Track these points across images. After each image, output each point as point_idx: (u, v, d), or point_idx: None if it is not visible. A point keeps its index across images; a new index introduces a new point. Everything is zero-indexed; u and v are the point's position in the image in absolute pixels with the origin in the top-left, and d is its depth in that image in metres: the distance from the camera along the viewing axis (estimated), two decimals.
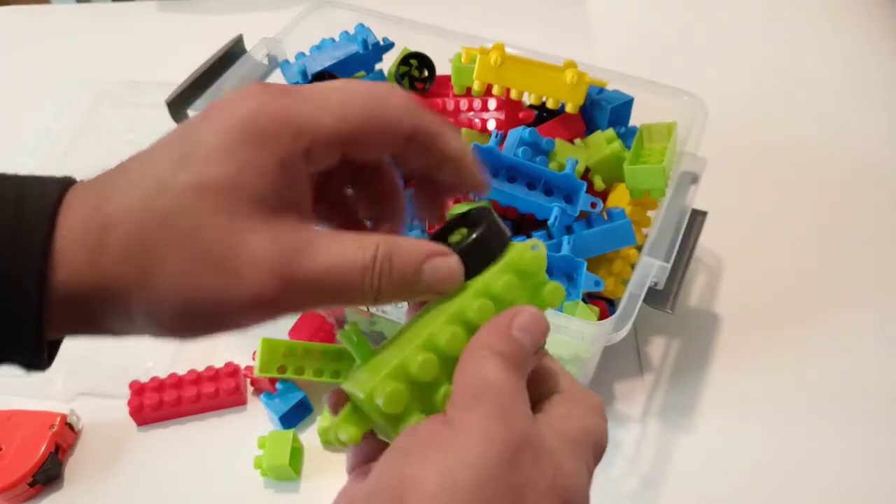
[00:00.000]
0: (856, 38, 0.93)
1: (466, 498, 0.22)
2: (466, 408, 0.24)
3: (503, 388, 0.24)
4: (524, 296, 0.28)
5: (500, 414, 0.23)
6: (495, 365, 0.24)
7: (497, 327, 0.25)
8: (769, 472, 0.56)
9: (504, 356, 0.25)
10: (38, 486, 0.55)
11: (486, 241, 0.28)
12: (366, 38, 0.64)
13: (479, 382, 0.24)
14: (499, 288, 0.27)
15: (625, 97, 0.61)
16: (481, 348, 0.25)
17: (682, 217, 0.52)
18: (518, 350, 0.25)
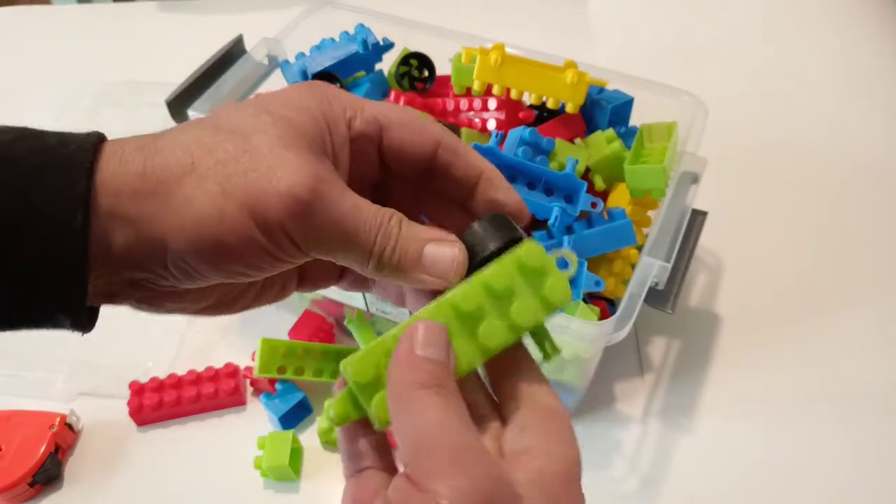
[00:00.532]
0: (856, 38, 0.93)
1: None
2: (422, 466, 0.23)
3: (445, 431, 0.23)
4: (526, 291, 0.27)
5: (456, 464, 0.22)
6: (422, 401, 0.24)
7: (402, 358, 0.25)
8: (769, 472, 0.56)
9: (424, 384, 0.24)
10: (38, 486, 0.55)
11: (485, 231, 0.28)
12: (366, 39, 0.64)
13: (420, 431, 0.23)
14: (490, 274, 0.27)
15: (625, 97, 0.61)
16: (402, 388, 0.24)
17: (683, 217, 0.52)
18: (432, 368, 0.25)
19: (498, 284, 0.27)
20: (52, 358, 0.63)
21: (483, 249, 0.28)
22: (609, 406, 0.60)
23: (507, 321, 0.27)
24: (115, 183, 0.25)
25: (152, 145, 0.26)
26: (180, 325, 0.66)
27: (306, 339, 0.61)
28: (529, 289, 0.27)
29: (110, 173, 0.25)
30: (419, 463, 0.23)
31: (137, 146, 0.26)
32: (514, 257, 0.27)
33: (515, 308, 0.27)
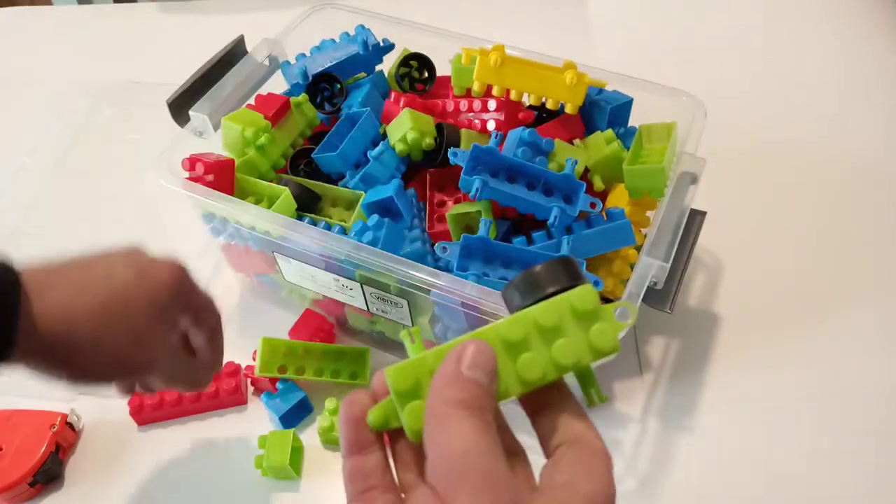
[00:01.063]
0: (856, 38, 0.94)
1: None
2: (450, 483, 0.24)
3: (479, 454, 0.24)
4: (573, 332, 0.28)
5: (485, 487, 0.23)
6: (461, 422, 0.24)
7: (448, 374, 0.26)
8: (768, 471, 0.56)
9: (465, 404, 0.25)
10: (39, 486, 0.55)
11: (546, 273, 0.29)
12: (366, 40, 0.65)
13: (455, 449, 0.24)
14: (538, 312, 0.27)
15: (624, 98, 0.61)
16: (442, 404, 0.25)
17: (682, 217, 0.52)
18: (476, 390, 0.25)
19: (545, 320, 0.27)
20: None
21: (541, 289, 0.28)
22: (608, 405, 0.60)
23: (549, 357, 0.27)
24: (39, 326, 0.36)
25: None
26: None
27: (307, 338, 0.61)
28: (577, 330, 0.28)
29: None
30: (448, 480, 0.23)
31: None
32: (567, 297, 0.28)
33: (559, 345, 0.27)
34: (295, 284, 0.61)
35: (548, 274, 0.29)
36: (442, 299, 0.50)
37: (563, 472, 0.26)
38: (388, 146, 0.58)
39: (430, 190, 0.60)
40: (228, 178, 0.57)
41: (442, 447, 0.24)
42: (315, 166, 0.61)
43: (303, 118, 0.62)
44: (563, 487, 0.25)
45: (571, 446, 0.27)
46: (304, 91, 0.64)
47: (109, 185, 0.80)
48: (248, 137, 0.58)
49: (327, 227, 0.56)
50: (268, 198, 0.57)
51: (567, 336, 0.28)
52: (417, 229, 0.57)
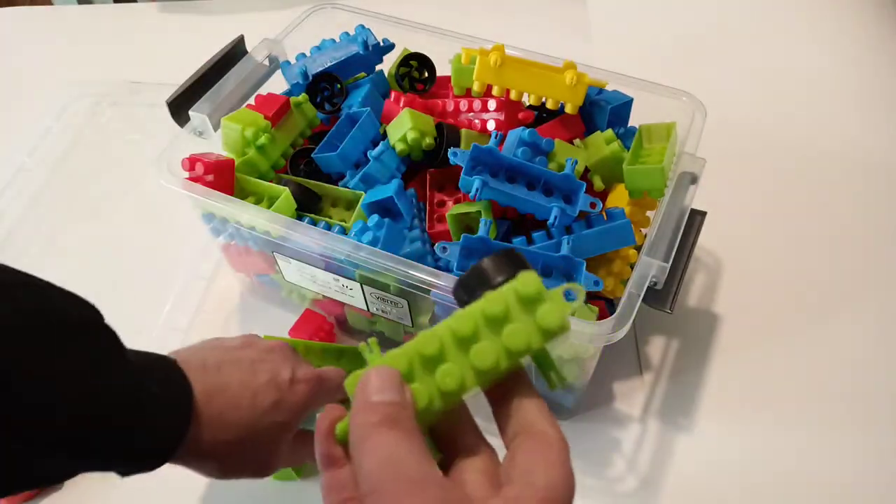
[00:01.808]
0: (856, 38, 0.94)
1: None
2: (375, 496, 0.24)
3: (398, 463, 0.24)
4: (521, 317, 0.28)
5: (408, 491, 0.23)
6: (376, 438, 0.25)
7: (360, 405, 0.27)
8: (768, 471, 0.56)
9: (380, 423, 0.25)
10: None
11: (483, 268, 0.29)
12: (366, 39, 0.65)
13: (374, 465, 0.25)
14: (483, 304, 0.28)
15: (624, 97, 0.61)
16: (359, 428, 0.26)
17: (682, 217, 0.52)
18: (387, 409, 0.26)
19: (492, 310, 0.28)
20: None
21: (488, 282, 0.29)
22: (608, 405, 0.60)
23: (500, 345, 0.28)
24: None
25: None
26: (182, 324, 0.66)
27: (307, 338, 0.61)
28: (524, 315, 0.28)
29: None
30: (373, 494, 0.24)
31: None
32: (511, 285, 0.28)
33: (508, 331, 0.28)
34: (295, 284, 0.61)
35: (492, 267, 0.29)
36: (442, 299, 0.50)
37: (519, 464, 0.26)
38: (388, 146, 0.58)
39: (430, 190, 0.60)
40: (228, 178, 0.57)
41: (365, 465, 0.25)
42: (315, 166, 0.61)
43: (303, 118, 0.62)
44: (519, 483, 0.25)
45: (526, 437, 0.27)
46: (304, 91, 0.64)
47: (109, 185, 0.80)
48: (248, 137, 0.58)
49: (327, 227, 0.56)
50: (268, 198, 0.57)
51: (515, 322, 0.28)
52: (417, 229, 0.57)
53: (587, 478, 0.56)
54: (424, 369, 0.28)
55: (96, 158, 0.83)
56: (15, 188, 0.80)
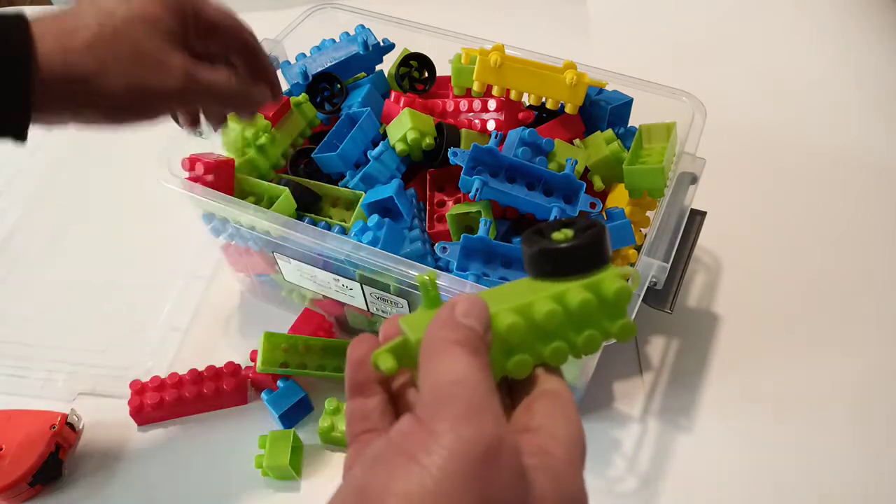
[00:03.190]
0: (856, 38, 0.94)
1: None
2: (436, 409, 0.23)
3: (470, 384, 0.24)
4: (596, 320, 0.28)
5: (470, 413, 0.23)
6: (455, 355, 0.24)
7: (444, 320, 0.26)
8: (768, 471, 0.56)
9: (461, 343, 0.25)
10: (39, 486, 0.55)
11: (584, 252, 0.28)
12: (366, 40, 0.65)
13: (446, 379, 0.24)
14: (575, 303, 0.27)
15: (624, 97, 0.61)
16: (437, 341, 0.25)
17: (682, 217, 0.52)
18: (471, 334, 0.25)
19: (581, 313, 0.28)
20: (52, 358, 0.63)
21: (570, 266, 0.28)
22: (608, 405, 0.60)
23: (573, 346, 0.28)
24: (46, 66, 0.37)
25: (67, 24, 0.38)
26: (182, 324, 0.66)
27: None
28: (603, 322, 0.28)
29: (44, 57, 0.37)
30: (433, 405, 0.23)
31: (57, 26, 0.37)
32: (599, 288, 0.28)
33: (586, 337, 0.28)
34: (295, 284, 0.61)
35: (589, 254, 0.28)
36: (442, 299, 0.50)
37: (538, 417, 0.26)
38: (388, 146, 0.58)
39: (430, 190, 0.60)
40: (228, 178, 0.57)
41: (433, 377, 0.24)
42: (315, 166, 0.61)
43: (303, 118, 0.62)
44: (543, 434, 0.26)
45: (542, 394, 0.27)
46: (304, 91, 0.64)
47: (109, 185, 0.80)
48: (248, 137, 0.58)
49: (327, 227, 0.56)
50: (268, 198, 0.57)
51: (593, 327, 0.28)
52: (417, 229, 0.57)
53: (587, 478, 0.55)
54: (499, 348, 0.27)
55: (96, 158, 0.83)
56: (15, 188, 0.80)
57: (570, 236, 0.29)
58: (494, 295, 0.29)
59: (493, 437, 0.22)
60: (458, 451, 0.22)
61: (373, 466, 0.23)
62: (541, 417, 0.26)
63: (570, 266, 0.28)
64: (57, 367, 0.62)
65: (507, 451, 0.23)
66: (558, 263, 0.28)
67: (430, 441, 0.22)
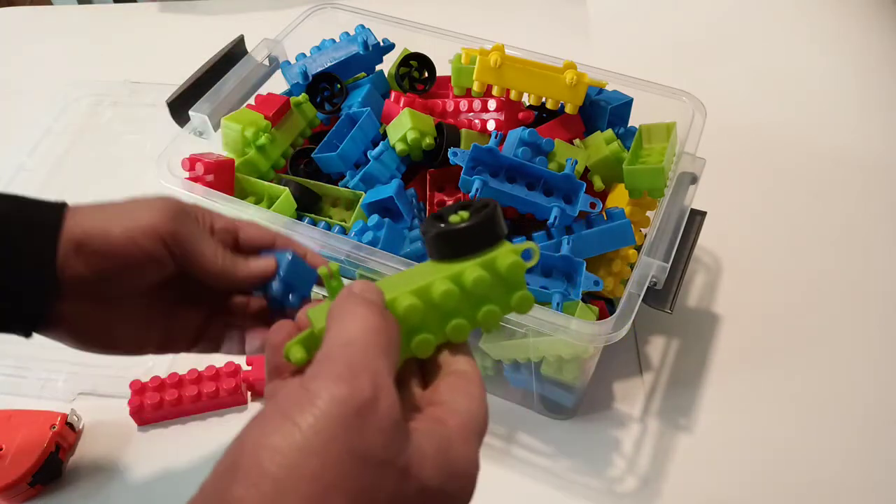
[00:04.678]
0: (856, 38, 0.94)
1: (299, 465, 0.22)
2: (317, 369, 0.24)
3: (358, 345, 0.25)
4: (494, 295, 0.29)
5: (346, 373, 0.24)
6: (354, 316, 0.26)
7: (346, 294, 0.27)
8: (768, 471, 0.56)
9: (361, 305, 0.26)
10: (39, 486, 0.55)
11: (477, 231, 0.30)
12: (366, 40, 0.65)
13: (337, 340, 0.25)
14: (470, 281, 0.29)
15: (624, 97, 0.61)
16: (340, 306, 0.27)
17: (682, 217, 0.52)
18: (372, 298, 0.27)
19: (477, 290, 0.29)
20: (52, 358, 0.63)
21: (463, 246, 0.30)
22: (608, 406, 0.60)
23: (472, 320, 0.30)
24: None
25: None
26: None
27: None
28: (501, 296, 0.30)
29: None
30: (316, 366, 0.25)
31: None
32: (494, 264, 0.29)
33: (485, 312, 0.30)
34: None
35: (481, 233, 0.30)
36: None
37: (442, 393, 0.28)
38: (388, 146, 0.58)
39: (430, 190, 0.60)
40: (228, 178, 0.57)
41: (329, 339, 0.26)
42: (315, 166, 0.61)
43: (303, 118, 0.62)
44: (441, 407, 0.27)
45: (449, 374, 0.29)
46: (304, 91, 0.64)
47: (109, 185, 0.80)
48: (248, 137, 0.58)
49: (327, 227, 0.56)
50: (268, 198, 0.57)
51: (491, 302, 0.30)
52: (417, 229, 0.57)
53: (587, 478, 0.56)
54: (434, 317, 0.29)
55: (96, 158, 0.83)
56: (15, 188, 0.80)
57: (466, 217, 0.30)
58: (395, 281, 0.30)
59: (366, 397, 0.23)
60: (328, 410, 0.23)
61: (252, 425, 0.24)
62: (444, 394, 0.28)
63: (465, 246, 0.30)
64: (57, 367, 0.62)
65: (383, 410, 0.23)
66: (454, 244, 0.30)
67: (304, 400, 0.23)
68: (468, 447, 0.26)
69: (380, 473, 0.23)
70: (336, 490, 0.22)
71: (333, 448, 0.22)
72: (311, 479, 0.22)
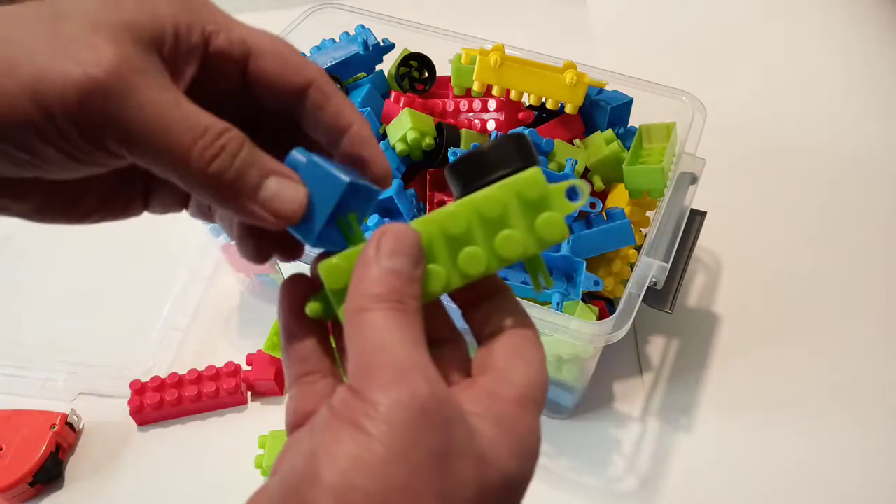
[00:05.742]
0: (856, 38, 0.94)
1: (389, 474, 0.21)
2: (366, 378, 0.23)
3: (392, 348, 0.23)
4: (520, 222, 0.26)
5: (398, 377, 0.22)
6: (377, 317, 0.23)
7: (365, 266, 0.24)
8: (768, 471, 0.56)
9: (381, 298, 0.24)
10: (39, 486, 0.55)
11: (493, 152, 0.26)
12: (366, 40, 0.65)
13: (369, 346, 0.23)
14: (486, 205, 0.25)
15: (624, 98, 0.61)
16: (358, 299, 0.24)
17: (681, 217, 0.52)
18: (394, 281, 0.24)
19: (489, 211, 0.26)
20: (52, 358, 0.63)
21: (488, 172, 0.26)
22: (608, 405, 0.60)
23: (492, 249, 0.26)
24: None
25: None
26: (182, 324, 0.66)
27: None
28: (523, 219, 0.26)
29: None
30: (363, 376, 0.23)
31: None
32: (513, 183, 0.26)
33: (502, 237, 0.26)
34: None
35: (496, 155, 0.26)
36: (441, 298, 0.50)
37: (497, 359, 0.25)
38: (388, 146, 0.58)
39: (430, 190, 0.60)
40: None
41: (358, 345, 0.24)
42: None
43: None
44: (495, 377, 0.25)
45: (505, 333, 0.26)
46: None
47: None
48: None
49: None
50: None
51: (512, 227, 0.26)
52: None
53: (587, 478, 0.56)
54: (446, 247, 0.26)
55: None
56: None
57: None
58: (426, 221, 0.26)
59: (425, 393, 0.22)
60: (397, 416, 0.22)
61: (322, 432, 0.23)
62: (499, 359, 0.25)
63: (485, 170, 0.26)
64: (57, 367, 0.62)
65: (443, 401, 0.23)
66: (471, 171, 0.26)
67: (369, 409, 0.22)
68: (526, 418, 0.24)
69: (460, 466, 0.22)
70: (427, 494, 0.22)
71: (413, 453, 0.21)
72: (403, 488, 0.21)
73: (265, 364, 0.60)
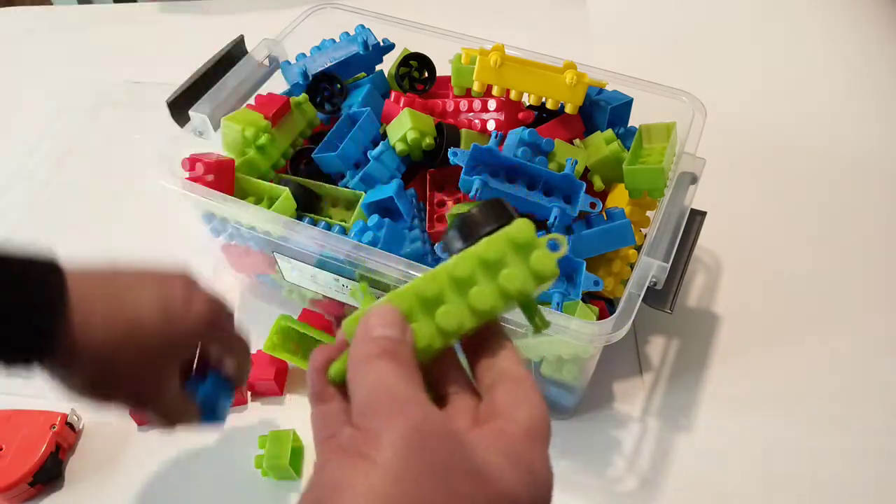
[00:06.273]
0: (856, 38, 0.94)
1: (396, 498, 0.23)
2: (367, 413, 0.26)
3: (389, 385, 0.26)
4: (516, 262, 0.29)
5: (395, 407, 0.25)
6: (373, 368, 0.27)
7: (361, 338, 0.28)
8: (768, 471, 0.56)
9: (377, 355, 0.27)
10: (39, 486, 0.55)
11: (482, 212, 0.31)
12: (366, 40, 0.65)
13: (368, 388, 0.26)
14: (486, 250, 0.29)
15: (624, 98, 0.61)
16: (356, 360, 0.27)
17: (681, 217, 0.52)
18: (387, 344, 0.27)
19: (489, 254, 0.29)
20: None
21: (480, 229, 0.31)
22: (608, 405, 0.60)
23: (497, 287, 0.29)
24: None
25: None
26: None
27: None
28: (519, 260, 0.30)
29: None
30: (365, 413, 0.26)
31: None
32: (505, 232, 0.30)
33: (505, 275, 0.29)
34: (295, 284, 0.61)
35: (483, 215, 0.31)
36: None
37: (500, 402, 0.28)
38: (388, 146, 0.58)
39: (430, 190, 0.60)
40: (228, 178, 0.57)
41: (359, 391, 0.26)
42: (315, 166, 0.61)
43: (303, 118, 0.62)
44: (500, 419, 0.27)
45: (504, 380, 0.29)
46: (304, 91, 0.64)
47: (109, 185, 0.80)
48: (248, 137, 0.58)
49: (327, 226, 0.56)
50: (268, 198, 0.57)
51: (510, 266, 0.29)
52: (417, 229, 0.57)
53: (587, 478, 0.56)
54: (424, 310, 0.29)
55: (96, 158, 0.83)
56: (15, 188, 0.80)
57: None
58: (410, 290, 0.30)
59: (420, 420, 0.25)
60: (399, 443, 0.24)
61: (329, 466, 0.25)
62: (502, 402, 0.28)
63: (475, 230, 0.31)
64: None
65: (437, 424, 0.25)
66: (466, 230, 0.31)
67: (372, 440, 0.24)
68: (535, 448, 0.26)
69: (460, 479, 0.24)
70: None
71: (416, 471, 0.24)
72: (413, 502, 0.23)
73: (265, 364, 0.60)
